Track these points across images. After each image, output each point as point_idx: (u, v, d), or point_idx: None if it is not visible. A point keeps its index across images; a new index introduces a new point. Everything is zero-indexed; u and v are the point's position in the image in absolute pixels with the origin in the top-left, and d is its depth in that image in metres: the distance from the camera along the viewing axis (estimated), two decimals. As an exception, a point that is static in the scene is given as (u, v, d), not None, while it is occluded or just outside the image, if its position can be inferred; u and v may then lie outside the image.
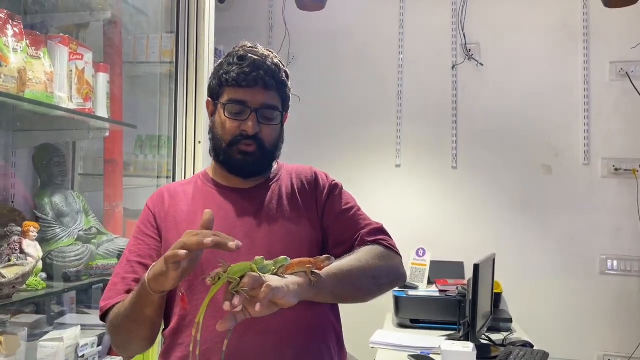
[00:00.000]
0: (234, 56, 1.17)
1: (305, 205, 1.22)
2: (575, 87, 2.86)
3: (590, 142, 2.84)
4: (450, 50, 3.00)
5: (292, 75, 3.38)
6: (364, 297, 1.13)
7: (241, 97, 1.15)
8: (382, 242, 1.20)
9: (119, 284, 1.14)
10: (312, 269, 0.96)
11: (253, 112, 1.15)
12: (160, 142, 1.98)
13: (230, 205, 1.19)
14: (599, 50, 2.84)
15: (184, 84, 1.80)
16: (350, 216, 1.23)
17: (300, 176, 1.26)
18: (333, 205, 1.23)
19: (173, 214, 1.18)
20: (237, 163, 1.17)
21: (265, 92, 1.16)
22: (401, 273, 1.21)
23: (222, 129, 1.17)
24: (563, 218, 2.85)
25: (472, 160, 2.97)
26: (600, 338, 2.77)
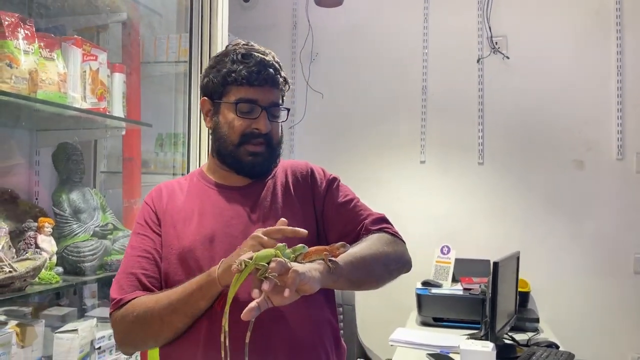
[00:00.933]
0: (236, 54, 1.17)
1: (300, 200, 1.22)
2: (607, 78, 2.75)
3: (624, 135, 2.72)
4: (476, 43, 2.93)
5: (315, 72, 3.41)
6: (376, 284, 1.14)
7: (252, 95, 1.15)
8: (387, 229, 1.20)
9: (130, 279, 1.14)
10: (329, 256, 0.97)
11: (264, 110, 1.16)
12: (179, 140, 2.02)
13: (226, 202, 1.19)
14: (633, 38, 2.72)
15: (198, 83, 1.82)
16: (352, 207, 1.24)
17: (296, 172, 1.26)
18: (333, 198, 1.24)
19: (170, 211, 1.19)
20: (247, 165, 1.18)
21: (273, 90, 1.18)
22: (407, 259, 1.21)
23: (230, 128, 1.17)
24: (595, 215, 2.74)
25: (499, 156, 2.89)
26: (634, 339, 2.66)
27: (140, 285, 1.13)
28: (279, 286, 0.87)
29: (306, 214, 1.21)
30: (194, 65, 1.81)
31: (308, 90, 3.14)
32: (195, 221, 1.16)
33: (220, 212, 1.17)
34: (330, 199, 1.23)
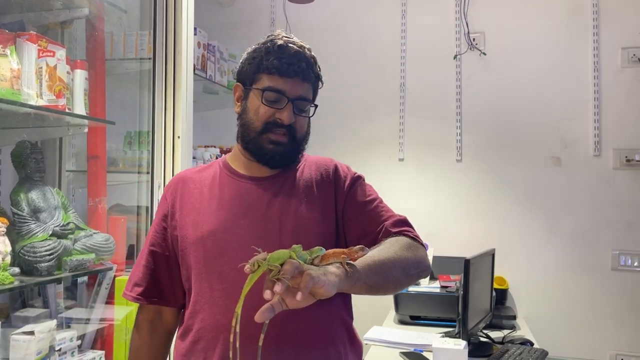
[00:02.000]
0: (273, 44, 1.19)
1: (321, 197, 1.21)
2: (584, 75, 2.74)
3: (600, 132, 2.71)
4: (454, 40, 2.92)
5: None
6: (393, 289, 1.12)
7: (280, 86, 1.16)
8: (407, 233, 1.18)
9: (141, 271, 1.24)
10: (347, 259, 0.95)
11: (290, 102, 1.17)
12: (144, 138, 1.99)
13: (245, 193, 1.20)
14: (610, 36, 2.71)
15: (163, 80, 1.80)
16: (373, 208, 1.22)
17: (320, 168, 1.26)
18: (355, 197, 1.23)
19: (187, 201, 1.21)
20: (267, 152, 1.18)
21: (303, 83, 1.19)
22: (427, 265, 1.19)
23: (255, 114, 1.18)
24: (573, 212, 2.73)
25: (477, 153, 2.88)
26: (612, 337, 2.65)
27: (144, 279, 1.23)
28: (293, 288, 0.85)
29: (325, 211, 1.20)
30: (158, 62, 1.78)
31: (286, 87, 3.11)
32: (212, 210, 1.18)
33: (237, 202, 1.18)
34: (352, 198, 1.22)
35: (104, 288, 1.77)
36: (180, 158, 1.79)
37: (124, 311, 1.79)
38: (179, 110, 1.80)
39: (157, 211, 1.27)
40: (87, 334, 1.76)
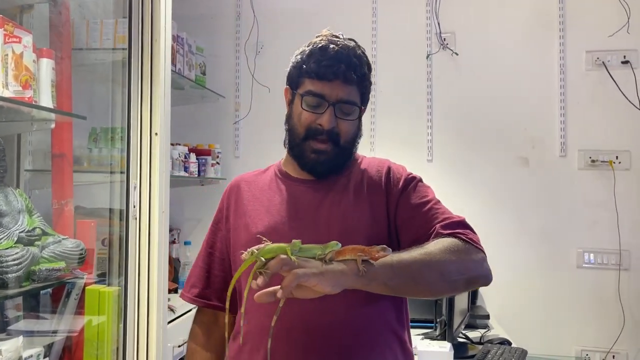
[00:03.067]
0: (316, 46, 1.17)
1: (372, 200, 1.17)
2: (551, 77, 2.80)
3: (566, 133, 2.78)
4: (425, 39, 2.91)
5: (261, 65, 3.27)
6: (429, 293, 1.08)
7: (319, 90, 1.14)
8: (460, 235, 1.09)
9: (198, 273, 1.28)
10: (363, 257, 0.92)
11: (330, 106, 1.14)
12: (116, 135, 1.84)
13: (295, 196, 1.19)
14: (575, 39, 2.77)
15: (139, 72, 1.66)
16: (426, 210, 1.16)
17: (373, 170, 1.23)
18: (408, 199, 1.17)
19: (241, 204, 1.22)
20: (310, 161, 1.17)
21: (345, 86, 1.15)
22: (481, 271, 1.09)
23: (298, 121, 1.17)
24: (540, 211, 2.78)
25: (448, 153, 2.88)
26: (578, 333, 2.72)
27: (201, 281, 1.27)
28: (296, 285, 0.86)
29: (376, 215, 1.16)
30: (134, 53, 1.64)
31: (254, 84, 3.01)
32: (263, 213, 1.18)
33: (288, 205, 1.18)
34: (405, 200, 1.17)
35: (73, 299, 1.62)
36: (159, 157, 1.66)
37: (94, 323, 1.65)
38: (156, 105, 1.66)
39: (215, 214, 1.29)
40: (53, 349, 1.60)
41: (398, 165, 1.26)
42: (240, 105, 3.06)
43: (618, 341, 2.65)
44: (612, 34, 2.68)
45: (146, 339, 1.66)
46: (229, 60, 3.07)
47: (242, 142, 3.07)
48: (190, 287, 1.27)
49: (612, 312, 2.67)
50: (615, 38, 2.68)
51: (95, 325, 1.64)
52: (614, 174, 2.70)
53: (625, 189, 2.69)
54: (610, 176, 2.70)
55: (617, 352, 2.67)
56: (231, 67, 3.07)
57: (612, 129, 2.72)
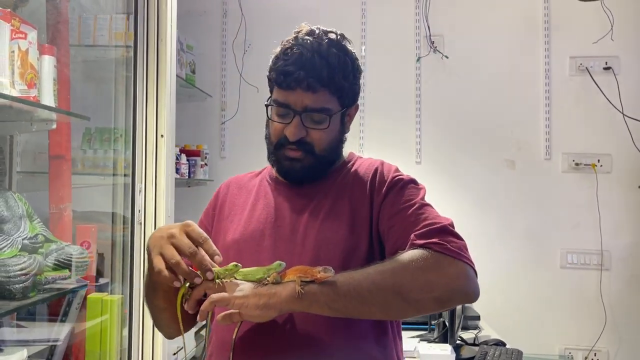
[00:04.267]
0: (284, 47, 1.09)
1: (353, 208, 1.08)
2: (536, 82, 2.86)
3: (551, 137, 2.85)
4: (414, 42, 2.92)
5: (249, 64, 3.20)
6: (383, 315, 0.99)
7: (283, 99, 1.07)
8: (433, 246, 0.95)
9: None
10: (303, 278, 0.91)
11: (297, 115, 1.06)
12: (114, 136, 1.77)
13: (278, 200, 1.14)
14: (560, 45, 2.84)
15: (144, 71, 1.59)
16: (408, 215, 1.02)
17: (361, 173, 1.13)
18: (391, 204, 1.06)
19: (228, 205, 1.18)
20: (284, 169, 1.12)
21: (308, 94, 1.05)
22: (456, 286, 0.96)
23: (271, 129, 1.13)
24: (525, 213, 2.84)
25: (436, 155, 2.91)
26: (561, 331, 2.79)
27: None
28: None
29: (356, 224, 1.06)
30: (139, 52, 1.58)
31: (242, 83, 2.96)
32: (245, 217, 1.14)
33: (270, 212, 1.13)
34: (388, 205, 1.05)
35: (75, 308, 1.54)
36: (165, 160, 1.60)
37: (96, 333, 1.58)
38: (162, 107, 1.61)
39: (205, 213, 1.24)
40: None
41: (389, 165, 1.17)
42: (227, 104, 3.00)
43: (600, 339, 2.74)
44: (595, 41, 2.76)
45: (151, 347, 1.60)
46: (215, 59, 3.01)
47: (228, 142, 3.02)
48: None
49: (594, 311, 2.76)
50: (598, 45, 2.76)
51: (98, 334, 1.58)
52: (597, 177, 2.78)
53: (606, 192, 2.77)
54: (592, 179, 2.79)
55: (599, 349, 2.75)
56: (218, 65, 3.01)
57: (595, 133, 2.81)
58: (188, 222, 0.95)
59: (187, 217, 3.10)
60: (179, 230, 0.93)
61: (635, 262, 2.74)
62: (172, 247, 0.91)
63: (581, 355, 2.77)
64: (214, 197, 1.23)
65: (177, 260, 0.90)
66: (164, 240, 0.92)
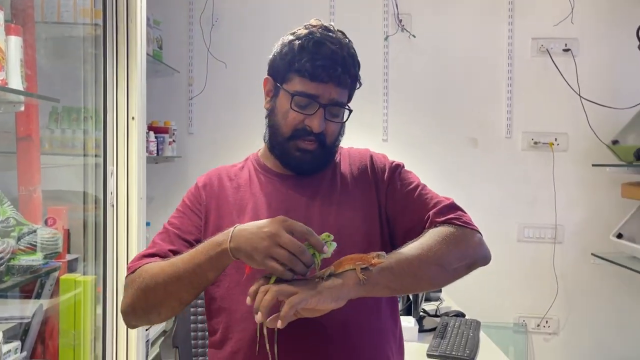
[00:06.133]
0: (309, 40, 1.09)
1: (362, 194, 1.16)
2: (500, 62, 2.94)
3: (512, 116, 2.94)
4: (382, 20, 2.94)
5: (217, 39, 3.17)
6: (431, 286, 1.09)
7: (312, 91, 1.08)
8: (453, 221, 1.10)
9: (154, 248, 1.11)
10: (361, 266, 0.94)
11: (321, 108, 1.09)
12: (83, 115, 1.75)
13: (282, 193, 1.14)
14: (522, 26, 2.92)
15: (114, 50, 1.58)
16: (416, 197, 1.15)
17: (357, 162, 1.20)
18: (395, 189, 1.17)
19: (222, 202, 1.15)
20: (294, 160, 1.13)
21: (337, 88, 1.10)
22: (480, 253, 1.12)
23: (284, 119, 1.11)
24: (486, 189, 2.95)
25: (402, 132, 2.97)
26: (517, 301, 2.95)
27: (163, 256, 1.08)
28: None
29: (367, 210, 1.14)
30: (109, 29, 1.56)
31: (209, 58, 2.93)
32: (250, 213, 1.12)
33: (277, 204, 1.12)
34: (393, 190, 1.16)
35: (47, 290, 1.55)
36: (136, 142, 1.60)
37: (70, 313, 1.60)
38: (133, 88, 1.60)
39: (188, 203, 1.17)
40: (26, 342, 1.54)
41: (379, 154, 1.25)
42: (195, 80, 2.98)
43: (552, 308, 2.91)
44: (556, 24, 2.85)
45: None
46: (182, 34, 2.96)
47: (196, 118, 3.00)
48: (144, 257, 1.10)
49: (547, 282, 2.92)
50: (559, 27, 2.85)
51: (72, 314, 1.60)
52: (553, 155, 2.91)
53: (562, 169, 2.91)
54: (549, 157, 2.91)
55: (550, 317, 2.93)
56: (185, 40, 2.97)
57: (553, 113, 2.92)
58: (283, 218, 0.93)
59: (156, 193, 3.09)
60: (278, 227, 0.91)
61: (586, 236, 2.90)
62: (281, 248, 0.89)
63: (534, 322, 2.94)
64: (195, 193, 1.18)
65: (296, 262, 0.89)
66: (267, 241, 0.90)
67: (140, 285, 1.01)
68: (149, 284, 1.00)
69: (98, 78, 1.58)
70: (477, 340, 2.17)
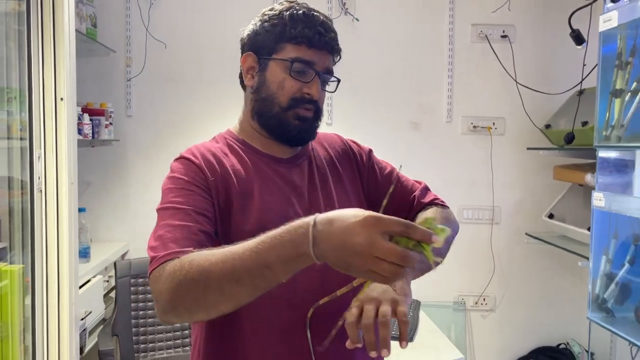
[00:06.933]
0: (297, 10, 1.08)
1: (348, 177, 1.19)
2: (441, 47, 2.99)
3: (452, 101, 3.01)
4: (326, 3, 2.93)
5: (156, 18, 3.08)
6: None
7: (309, 57, 1.07)
8: (437, 201, 1.24)
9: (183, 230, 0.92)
10: None
11: (317, 75, 1.09)
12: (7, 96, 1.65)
13: (281, 177, 1.10)
14: (463, 12, 2.97)
15: (38, 26, 1.49)
16: (394, 180, 1.23)
17: (334, 145, 1.23)
18: (375, 173, 1.23)
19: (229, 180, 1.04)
20: (293, 129, 1.09)
21: (329, 56, 1.11)
22: (458, 227, 1.25)
23: (279, 89, 1.08)
24: (428, 172, 3.01)
25: (347, 116, 2.98)
26: (456, 280, 3.05)
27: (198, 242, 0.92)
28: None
29: (356, 191, 1.17)
30: (33, 3, 1.47)
31: (148, 38, 2.83)
32: (257, 199, 1.05)
33: (279, 188, 1.09)
34: (374, 174, 1.22)
35: (-30, 280, 1.47)
36: (66, 124, 1.53)
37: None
38: (61, 67, 1.52)
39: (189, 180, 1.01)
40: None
41: (349, 139, 1.29)
42: (133, 60, 2.87)
43: (489, 286, 3.03)
44: (494, 10, 2.92)
45: (57, 314, 1.57)
46: (119, 12, 2.84)
47: (135, 100, 2.90)
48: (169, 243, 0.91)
49: (485, 262, 3.03)
50: (497, 14, 2.93)
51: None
52: (491, 139, 3.00)
53: (500, 152, 3.01)
54: (488, 140, 3.00)
55: (487, 295, 3.05)
56: (122, 19, 2.85)
57: (491, 98, 3.00)
58: (373, 218, 0.74)
59: (93, 177, 2.98)
60: (372, 235, 0.73)
61: (521, 216, 3.02)
62: (382, 262, 0.72)
63: (472, 300, 3.05)
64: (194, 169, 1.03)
65: (403, 271, 0.73)
66: (362, 258, 0.73)
67: (185, 281, 0.83)
68: (199, 282, 0.82)
69: (22, 56, 1.49)
70: (417, 320, 2.24)
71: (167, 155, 1.34)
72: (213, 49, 2.88)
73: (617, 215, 1.74)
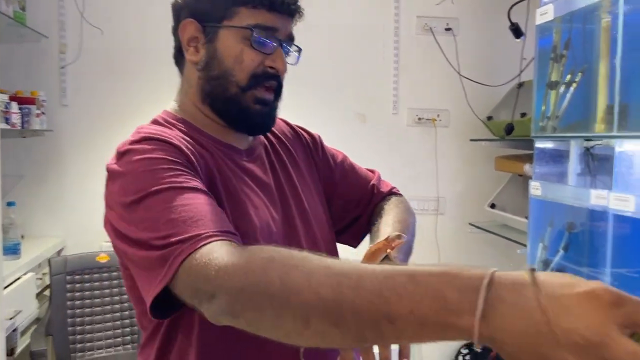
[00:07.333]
0: None
1: (305, 166, 1.07)
2: (387, 39, 3.00)
3: (398, 92, 3.03)
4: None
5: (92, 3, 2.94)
6: None
7: (271, 23, 0.89)
8: (394, 191, 1.19)
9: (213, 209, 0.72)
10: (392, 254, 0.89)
11: (280, 44, 0.91)
12: None
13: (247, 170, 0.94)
14: (408, 4, 2.99)
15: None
16: (348, 169, 1.15)
17: (284, 131, 1.08)
18: (328, 161, 1.13)
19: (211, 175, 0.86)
20: (256, 116, 0.91)
21: (291, 20, 0.94)
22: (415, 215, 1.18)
23: (237, 63, 0.88)
24: (374, 163, 2.95)
25: (290, 106, 2.89)
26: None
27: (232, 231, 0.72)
28: None
29: (315, 182, 1.07)
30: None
31: (83, 24, 2.69)
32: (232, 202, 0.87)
33: (249, 187, 0.91)
34: (328, 162, 1.12)
35: None
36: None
37: None
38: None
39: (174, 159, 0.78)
40: None
41: (294, 124, 1.16)
42: (67, 47, 2.73)
43: (434, 275, 3.07)
44: (439, 2, 2.95)
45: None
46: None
47: (70, 89, 2.76)
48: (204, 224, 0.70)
49: (430, 252, 3.07)
50: (441, 6, 2.96)
51: None
52: (436, 131, 3.04)
53: (444, 144, 3.05)
54: (432, 132, 3.04)
55: (433, 284, 3.09)
56: (54, 3, 2.70)
57: (436, 90, 3.04)
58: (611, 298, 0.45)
59: (23, 168, 2.83)
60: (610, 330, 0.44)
61: (464, 206, 3.08)
62: None
63: (418, 290, 3.09)
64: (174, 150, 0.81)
65: None
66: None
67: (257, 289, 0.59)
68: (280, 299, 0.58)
69: None
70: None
71: (106, 147, 1.25)
72: (155, 36, 2.77)
73: (553, 203, 1.79)
